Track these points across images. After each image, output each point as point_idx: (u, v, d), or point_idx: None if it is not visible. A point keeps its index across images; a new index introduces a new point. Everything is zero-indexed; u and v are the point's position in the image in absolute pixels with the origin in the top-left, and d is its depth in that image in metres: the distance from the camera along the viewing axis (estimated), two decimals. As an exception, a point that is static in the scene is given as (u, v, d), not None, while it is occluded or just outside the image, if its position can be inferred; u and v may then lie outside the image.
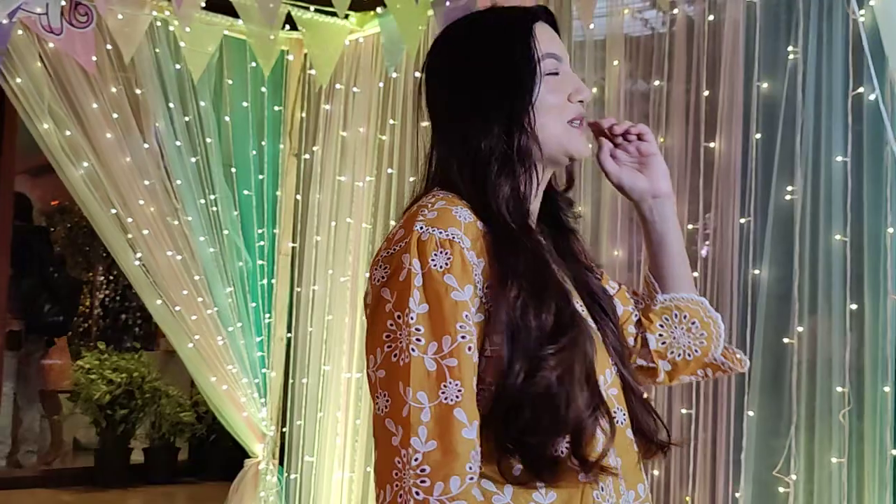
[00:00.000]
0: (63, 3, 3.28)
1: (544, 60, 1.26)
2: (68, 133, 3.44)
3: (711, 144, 2.72)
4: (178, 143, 3.63)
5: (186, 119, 3.67)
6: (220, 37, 3.68)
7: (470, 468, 1.09)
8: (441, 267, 1.13)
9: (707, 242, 2.76)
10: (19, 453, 5.50)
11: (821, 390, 2.41)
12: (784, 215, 2.50)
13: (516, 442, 1.13)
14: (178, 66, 3.65)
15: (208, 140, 3.71)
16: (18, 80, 3.34)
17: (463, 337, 1.12)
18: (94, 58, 3.39)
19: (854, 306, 2.36)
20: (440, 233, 1.15)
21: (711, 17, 2.76)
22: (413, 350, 1.12)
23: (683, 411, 2.72)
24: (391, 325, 1.13)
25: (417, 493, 1.07)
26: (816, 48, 2.46)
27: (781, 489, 2.45)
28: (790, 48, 2.52)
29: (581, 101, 1.28)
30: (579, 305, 1.28)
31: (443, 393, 1.10)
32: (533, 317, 1.14)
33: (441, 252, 1.14)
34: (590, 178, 3.09)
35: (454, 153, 1.26)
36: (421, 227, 1.16)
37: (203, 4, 3.50)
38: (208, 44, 3.62)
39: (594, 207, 3.05)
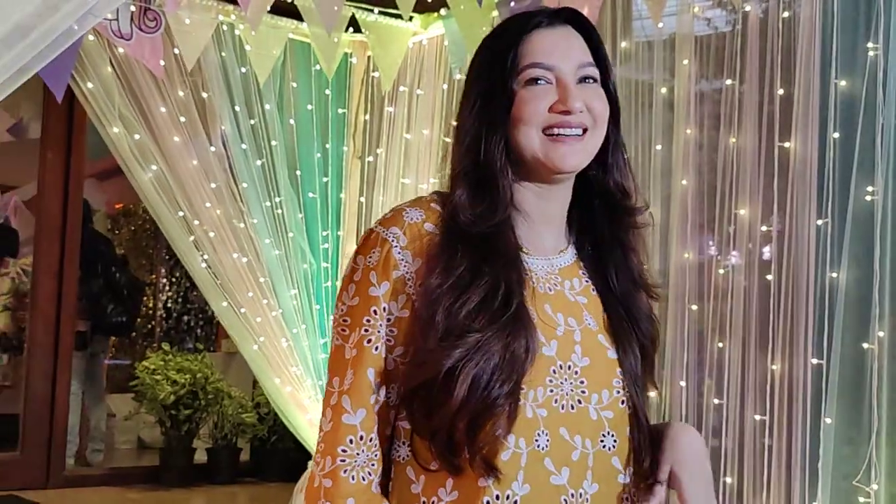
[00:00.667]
0: (133, 8, 3.34)
1: (522, 72, 1.24)
2: (137, 137, 3.51)
3: (786, 144, 2.68)
4: (243, 146, 3.68)
5: (252, 122, 3.72)
6: (285, 40, 3.72)
7: (343, 451, 1.18)
8: (372, 263, 1.21)
9: (770, 244, 2.72)
10: (87, 451, 5.62)
11: (903, 396, 2.36)
12: (864, 216, 2.45)
13: (421, 423, 1.19)
14: (243, 70, 3.70)
15: (273, 143, 3.75)
16: (90, 85, 3.41)
17: (366, 330, 1.20)
18: (162, 62, 3.45)
19: (939, 310, 2.31)
20: (383, 231, 1.22)
21: (786, 14, 2.72)
22: (336, 339, 1.23)
23: (757, 418, 2.68)
24: (335, 314, 1.25)
25: (313, 466, 1.21)
26: (898, 44, 2.42)
27: (861, 499, 2.40)
28: (869, 44, 2.47)
29: (566, 112, 1.23)
30: (588, 322, 1.27)
31: (346, 379, 1.20)
32: (445, 310, 1.16)
33: (376, 250, 1.21)
34: (658, 177, 3.06)
35: (455, 153, 1.29)
36: (375, 225, 1.25)
37: (269, 8, 3.55)
38: (273, 47, 3.66)
39: (664, 209, 3.02)
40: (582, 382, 1.22)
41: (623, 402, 1.25)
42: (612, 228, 1.33)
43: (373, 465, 1.20)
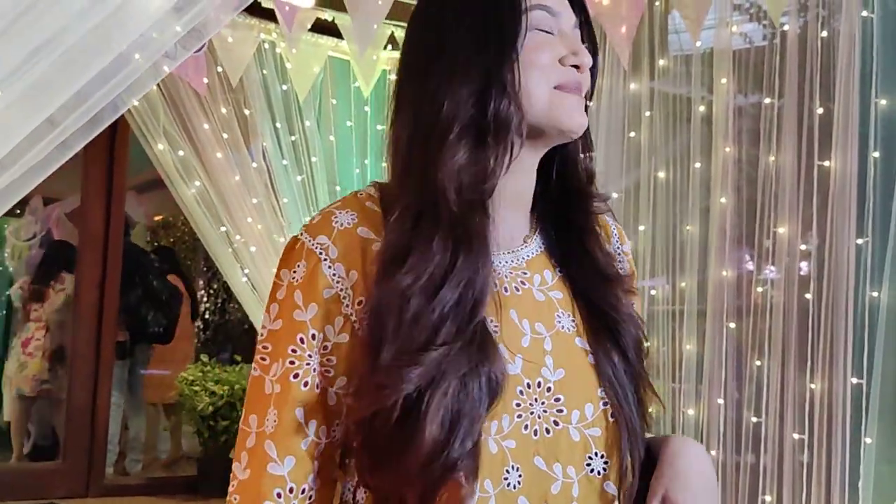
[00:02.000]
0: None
1: (532, 11, 1.04)
2: (181, 153, 3.58)
3: (826, 163, 2.67)
4: (284, 161, 3.74)
5: (292, 138, 3.78)
6: (325, 57, 3.78)
7: None
8: (297, 280, 1.01)
9: (808, 262, 2.72)
10: (126, 461, 5.70)
11: (945, 416, 2.35)
12: (905, 236, 2.45)
13: (366, 485, 1.00)
14: (284, 87, 3.76)
15: (313, 159, 3.80)
16: (135, 103, 3.49)
17: (291, 362, 1.00)
18: (205, 80, 3.53)
19: (981, 331, 2.30)
20: (309, 240, 1.02)
21: (825, 33, 2.72)
22: (255, 369, 1.02)
23: (796, 436, 2.67)
24: (258, 338, 1.04)
25: None
26: (939, 63, 2.42)
27: (903, 520, 2.39)
28: (910, 63, 2.48)
29: (576, 67, 1.06)
30: (561, 324, 1.07)
31: (267, 420, 1.00)
32: (413, 315, 0.95)
33: (301, 263, 1.02)
34: (697, 194, 3.07)
35: (408, 122, 1.05)
36: (300, 233, 1.05)
37: (309, 27, 3.61)
38: (313, 64, 3.72)
39: (702, 226, 3.03)
40: (557, 400, 1.02)
41: (613, 416, 1.04)
42: (576, 214, 1.14)
43: None
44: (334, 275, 1.01)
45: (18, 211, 7.03)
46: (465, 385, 0.94)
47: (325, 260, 1.01)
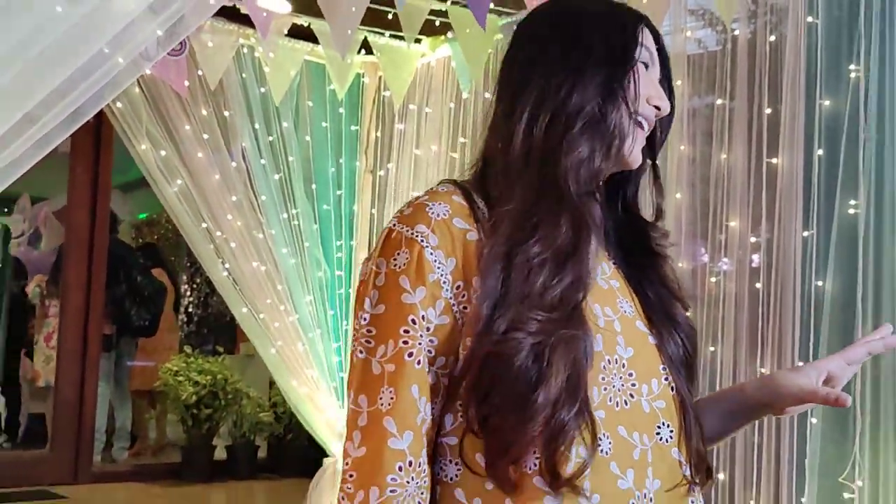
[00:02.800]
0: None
1: (643, 47, 1.13)
2: (163, 153, 3.54)
3: (774, 160, 2.68)
4: (262, 161, 3.71)
5: (270, 139, 3.74)
6: (301, 61, 3.75)
7: (393, 480, 0.99)
8: (399, 267, 1.03)
9: (758, 254, 2.73)
10: (113, 449, 5.65)
11: (885, 398, 2.36)
12: (848, 228, 2.45)
13: (483, 429, 1.00)
14: (262, 90, 3.72)
15: (290, 158, 3.78)
16: (119, 105, 3.45)
17: (405, 342, 1.01)
18: (186, 83, 3.48)
19: (919, 317, 2.32)
20: (407, 230, 1.04)
21: (773, 38, 2.74)
22: (361, 352, 1.04)
23: (747, 418, 2.69)
24: (356, 324, 1.06)
25: (343, 499, 1.01)
26: (878, 66, 2.42)
27: (847, 495, 2.40)
28: (852, 66, 2.47)
29: (658, 108, 1.14)
30: (623, 309, 1.13)
31: (380, 398, 1.01)
32: (540, 280, 1.01)
33: (402, 251, 1.03)
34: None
35: (529, 106, 1.10)
36: (394, 224, 1.06)
37: (286, 32, 3.58)
38: (290, 68, 3.69)
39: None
40: (630, 375, 1.07)
41: (673, 389, 1.11)
42: (641, 239, 1.20)
43: (423, 493, 1.02)
44: (435, 261, 1.03)
45: (6, 209, 6.93)
46: (577, 348, 1.01)
47: (427, 247, 1.03)
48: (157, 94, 3.52)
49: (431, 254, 1.03)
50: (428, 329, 1.02)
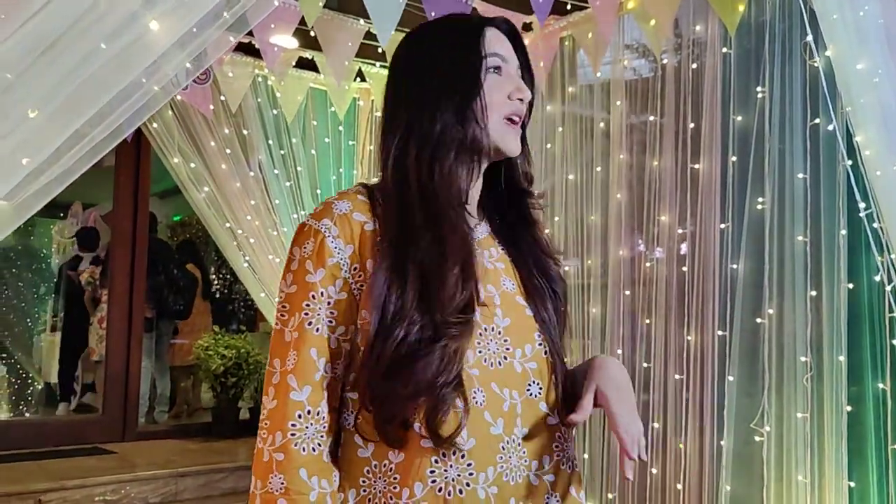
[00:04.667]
0: (188, 65, 3.35)
1: (489, 58, 1.09)
2: (193, 165, 3.52)
3: (696, 165, 2.71)
4: (276, 171, 3.70)
5: (282, 152, 3.73)
6: (307, 88, 3.74)
7: (293, 425, 1.00)
8: (307, 253, 1.04)
9: (684, 243, 2.75)
10: (155, 412, 5.61)
11: (787, 359, 2.39)
12: (756, 221, 2.49)
13: (376, 406, 1.01)
14: (275, 112, 3.71)
15: (299, 168, 3.76)
16: (155, 125, 3.42)
17: (306, 314, 1.02)
18: (211, 106, 3.47)
19: (814, 293, 2.34)
20: (315, 223, 1.05)
21: (694, 66, 2.76)
22: (277, 323, 1.05)
23: (676, 377, 2.71)
24: (277, 301, 1.07)
25: (259, 442, 1.02)
26: (780, 88, 2.45)
27: (757, 438, 2.44)
28: (758, 88, 2.51)
29: (521, 100, 1.11)
30: (505, 286, 1.12)
31: (288, 360, 1.02)
32: (415, 290, 1.00)
33: (310, 241, 1.04)
34: (598, 191, 3.09)
35: (399, 137, 1.08)
36: (307, 219, 1.07)
37: (294, 63, 3.57)
38: (298, 94, 3.68)
39: (602, 216, 3.04)
40: (506, 341, 1.07)
41: (546, 353, 1.10)
42: (519, 209, 1.19)
43: (321, 436, 1.02)
44: (335, 248, 1.03)
45: (62, 214, 6.86)
46: (459, 332, 1.00)
47: (329, 236, 1.03)
48: (186, 116, 3.50)
49: (332, 242, 1.03)
50: (329, 303, 1.03)
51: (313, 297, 1.02)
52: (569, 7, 3.03)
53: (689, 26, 2.77)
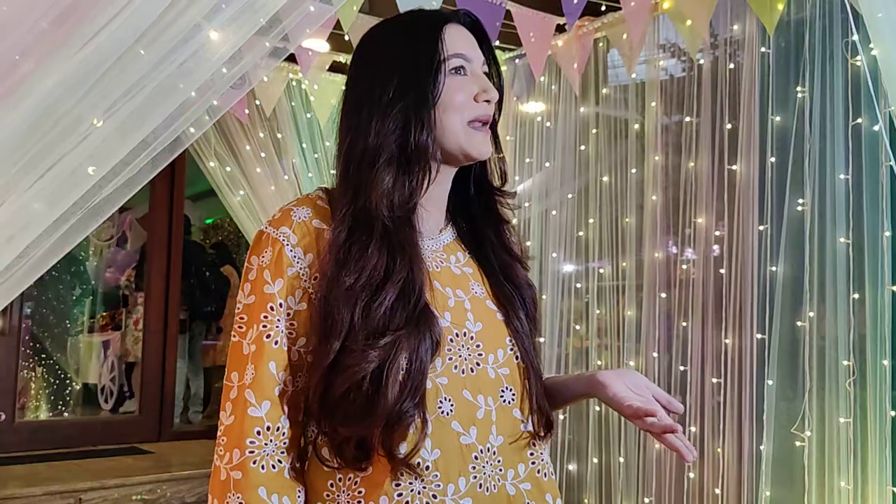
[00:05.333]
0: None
1: (449, 59, 1.03)
2: (228, 168, 3.56)
3: (734, 167, 2.68)
4: (310, 174, 3.73)
5: (316, 156, 3.76)
6: (340, 91, 3.76)
7: (251, 443, 0.96)
8: (265, 263, 1.00)
9: (721, 245, 2.73)
10: (189, 412, 5.70)
11: (829, 363, 2.36)
12: (796, 222, 2.46)
13: (331, 430, 0.97)
14: (308, 115, 3.74)
15: (332, 172, 3.76)
16: (192, 129, 3.47)
17: (264, 326, 0.98)
18: (246, 111, 3.51)
19: (856, 296, 2.31)
20: (273, 231, 1.01)
21: (732, 65, 2.73)
22: (234, 336, 1.01)
23: (714, 380, 2.69)
24: (236, 312, 1.03)
25: (216, 460, 0.98)
26: (820, 88, 2.41)
27: (798, 443, 2.41)
28: (798, 88, 2.48)
29: (487, 102, 1.05)
30: (474, 291, 1.07)
31: (245, 374, 0.98)
32: (362, 308, 0.95)
33: (268, 250, 1.00)
34: (633, 193, 3.07)
35: (345, 146, 1.05)
36: (265, 227, 1.03)
37: (327, 67, 3.60)
38: (331, 97, 3.70)
39: (637, 218, 3.03)
40: (478, 346, 1.03)
41: (517, 358, 1.07)
42: (488, 209, 1.15)
43: (282, 452, 0.98)
44: (294, 256, 1.00)
45: (99, 217, 6.99)
46: (416, 351, 0.95)
47: (287, 245, 1.00)
48: (222, 120, 3.55)
49: (291, 251, 0.99)
50: (288, 314, 0.99)
51: (271, 308, 0.98)
52: (603, 8, 3.03)
53: (727, 26, 2.74)
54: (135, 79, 1.08)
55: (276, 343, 0.98)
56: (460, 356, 1.01)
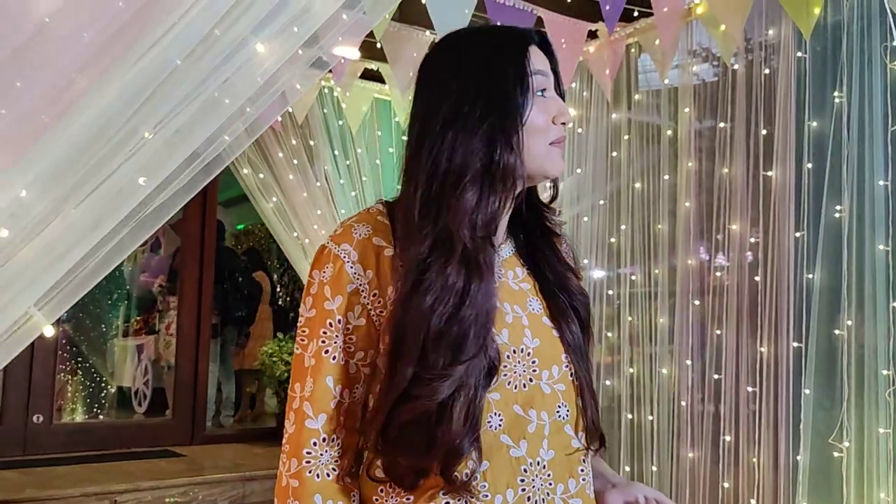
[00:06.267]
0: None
1: (535, 76, 1.04)
2: (261, 175, 3.62)
3: (769, 173, 2.66)
4: (341, 181, 3.76)
5: (347, 162, 3.80)
6: (372, 99, 3.80)
7: (308, 453, 1.00)
8: (326, 278, 1.02)
9: (756, 252, 2.71)
10: (221, 416, 5.77)
11: (868, 373, 2.32)
12: (833, 229, 2.43)
13: (389, 459, 0.99)
14: (340, 122, 3.78)
15: (364, 178, 3.82)
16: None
17: (323, 342, 1.01)
18: (279, 118, 3.57)
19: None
20: (335, 247, 1.03)
21: (767, 70, 2.72)
22: (297, 348, 1.05)
23: (749, 389, 2.66)
24: (298, 324, 1.06)
25: (280, 465, 1.03)
26: (858, 92, 2.39)
27: (836, 454, 2.38)
28: (835, 93, 2.45)
29: (563, 124, 1.07)
30: (532, 307, 1.08)
31: (306, 387, 1.02)
32: (436, 333, 0.95)
33: (329, 265, 1.02)
34: (666, 199, 3.06)
35: (428, 164, 1.01)
36: (327, 242, 1.05)
37: (359, 75, 3.64)
38: (362, 104, 3.74)
39: (670, 225, 3.01)
40: (534, 362, 1.04)
41: (572, 375, 1.08)
42: (540, 223, 1.15)
43: (337, 461, 1.02)
44: (355, 273, 1.02)
45: (133, 223, 7.11)
46: (478, 381, 0.96)
47: (348, 262, 1.02)
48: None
49: (351, 268, 1.01)
50: (347, 330, 1.01)
51: (330, 324, 1.01)
52: (636, 14, 3.03)
53: (762, 30, 2.73)
54: (184, 92, 1.11)
55: (334, 359, 1.01)
56: (515, 372, 1.02)
